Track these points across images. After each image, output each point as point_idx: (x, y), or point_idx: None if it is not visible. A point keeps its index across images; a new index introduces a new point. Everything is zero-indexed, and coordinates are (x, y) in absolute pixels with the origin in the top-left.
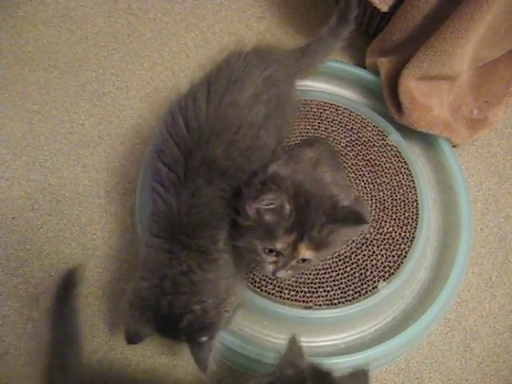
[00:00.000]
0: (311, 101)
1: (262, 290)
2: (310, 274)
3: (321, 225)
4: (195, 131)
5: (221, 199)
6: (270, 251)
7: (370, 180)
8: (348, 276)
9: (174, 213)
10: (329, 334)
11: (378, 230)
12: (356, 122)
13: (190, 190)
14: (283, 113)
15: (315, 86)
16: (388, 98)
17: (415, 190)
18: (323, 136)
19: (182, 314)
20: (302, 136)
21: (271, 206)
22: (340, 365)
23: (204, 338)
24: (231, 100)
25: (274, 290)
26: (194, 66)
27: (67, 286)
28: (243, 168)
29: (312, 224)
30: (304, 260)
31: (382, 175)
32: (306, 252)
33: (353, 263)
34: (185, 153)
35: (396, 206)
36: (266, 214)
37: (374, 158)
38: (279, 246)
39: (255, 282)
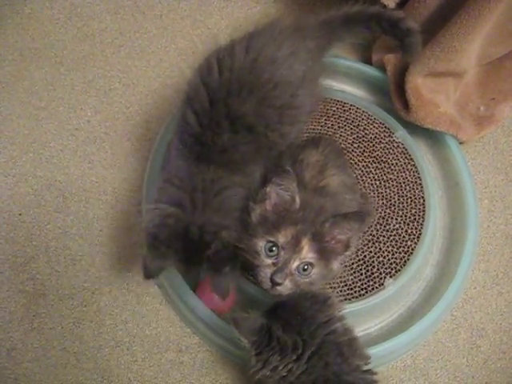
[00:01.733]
0: None
1: None
2: None
3: (323, 220)
4: (226, 82)
5: (250, 144)
6: (271, 250)
7: (376, 177)
8: (354, 273)
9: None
10: None
11: (385, 226)
12: (362, 119)
13: (217, 146)
14: (316, 82)
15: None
16: (394, 94)
17: (421, 187)
18: (330, 133)
19: (211, 241)
20: (309, 133)
21: (283, 193)
22: None
23: (227, 268)
24: (270, 55)
25: None
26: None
27: None
28: (273, 127)
29: (315, 218)
30: (305, 269)
31: (388, 172)
32: (308, 251)
33: (359, 260)
34: (212, 103)
35: (402, 203)
36: (277, 199)
37: (380, 154)
38: (282, 238)
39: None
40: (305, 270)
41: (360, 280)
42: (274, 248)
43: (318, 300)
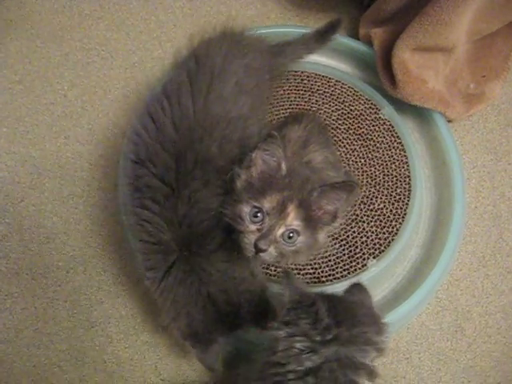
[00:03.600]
0: (302, 72)
1: None
2: None
3: (310, 189)
4: (186, 132)
5: (218, 196)
6: (255, 216)
7: (361, 155)
8: (337, 253)
9: (174, 228)
10: None
11: (369, 206)
12: (348, 95)
13: (185, 198)
14: (264, 100)
15: (306, 57)
16: (381, 70)
17: (408, 166)
18: (314, 109)
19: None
20: (292, 108)
21: (269, 158)
22: None
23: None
24: (217, 94)
25: (260, 266)
26: (182, 36)
27: None
28: (235, 159)
29: (302, 186)
30: (291, 236)
31: (373, 150)
32: (294, 218)
33: (342, 240)
34: (176, 157)
35: (388, 182)
36: (263, 165)
37: (365, 132)
38: (267, 204)
39: None
40: (290, 237)
41: (342, 261)
42: (258, 214)
43: (375, 319)
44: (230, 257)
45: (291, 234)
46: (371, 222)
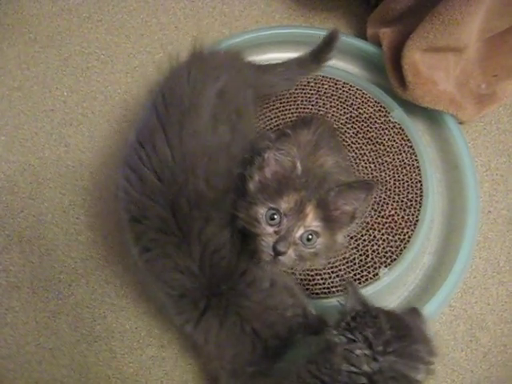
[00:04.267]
0: None
1: None
2: None
3: (328, 189)
4: (169, 178)
5: (225, 227)
6: (272, 218)
7: (371, 159)
8: (347, 262)
9: (195, 275)
10: None
11: (380, 212)
12: (356, 98)
13: (195, 241)
14: (248, 120)
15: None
16: (391, 71)
17: (419, 170)
18: (321, 112)
19: None
20: (299, 112)
21: (287, 159)
22: None
23: None
24: (191, 131)
25: None
26: (184, 38)
27: None
28: (229, 189)
29: (319, 185)
30: (310, 238)
31: (383, 154)
32: (313, 219)
33: (352, 248)
34: (168, 206)
35: (398, 187)
36: (276, 166)
37: (375, 135)
38: (284, 205)
39: None
40: (309, 239)
41: (353, 270)
42: (275, 216)
43: (428, 341)
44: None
45: (310, 236)
46: (382, 229)
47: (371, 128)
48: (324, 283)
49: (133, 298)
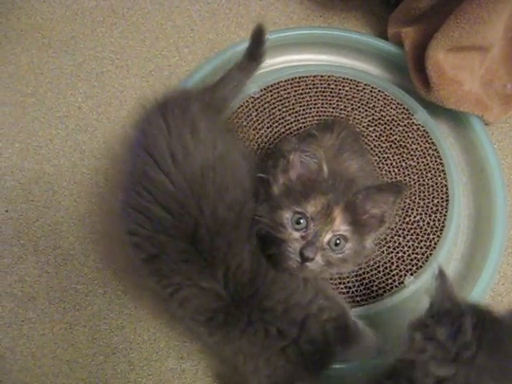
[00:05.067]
0: (329, 76)
1: None
2: None
3: (356, 191)
4: (178, 209)
5: (248, 239)
6: (298, 222)
7: (394, 163)
8: (371, 271)
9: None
10: None
11: (404, 218)
12: (378, 100)
13: (220, 266)
14: (231, 143)
15: (332, 61)
16: (413, 72)
17: (444, 174)
18: (342, 115)
19: None
20: (320, 116)
21: (313, 161)
22: (366, 368)
23: None
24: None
25: None
26: (200, 41)
27: None
28: (245, 200)
29: (347, 188)
30: (338, 243)
31: (407, 158)
32: (341, 223)
33: (376, 256)
34: (189, 238)
35: (423, 192)
36: (302, 168)
37: (398, 138)
38: (311, 208)
39: None
40: (337, 244)
41: (378, 278)
42: (301, 220)
43: None
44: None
45: (338, 241)
46: (407, 235)
47: (394, 131)
48: (348, 292)
49: (151, 309)
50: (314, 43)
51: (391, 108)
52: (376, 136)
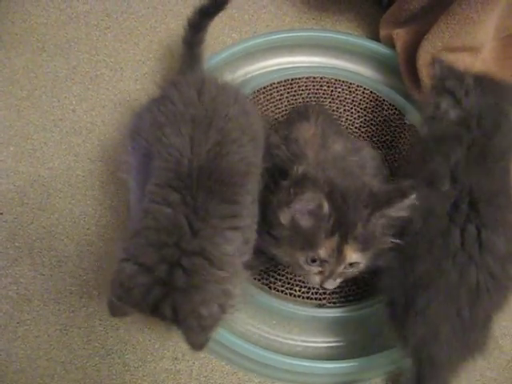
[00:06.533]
0: (321, 78)
1: (270, 288)
2: None
3: (365, 220)
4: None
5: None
6: (313, 261)
7: (386, 164)
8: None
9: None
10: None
11: None
12: (370, 101)
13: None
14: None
15: (325, 62)
16: (405, 73)
17: None
18: (334, 117)
19: (186, 317)
20: None
21: (309, 207)
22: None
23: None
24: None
25: (283, 287)
26: None
27: None
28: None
29: (354, 221)
30: (352, 264)
31: (399, 158)
32: (353, 255)
33: None
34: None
35: None
36: (302, 219)
37: (390, 139)
38: (322, 253)
39: (263, 278)
40: (352, 265)
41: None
42: (316, 260)
43: None
44: None
45: (352, 265)
46: None
47: (386, 131)
48: (341, 292)
49: None
50: (306, 45)
51: (383, 109)
52: (368, 137)
